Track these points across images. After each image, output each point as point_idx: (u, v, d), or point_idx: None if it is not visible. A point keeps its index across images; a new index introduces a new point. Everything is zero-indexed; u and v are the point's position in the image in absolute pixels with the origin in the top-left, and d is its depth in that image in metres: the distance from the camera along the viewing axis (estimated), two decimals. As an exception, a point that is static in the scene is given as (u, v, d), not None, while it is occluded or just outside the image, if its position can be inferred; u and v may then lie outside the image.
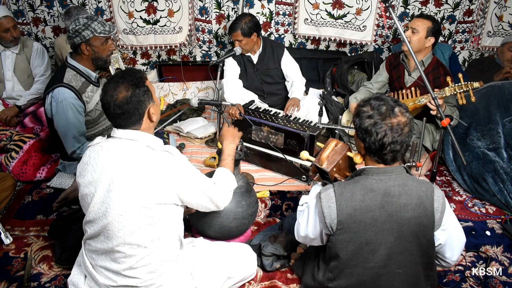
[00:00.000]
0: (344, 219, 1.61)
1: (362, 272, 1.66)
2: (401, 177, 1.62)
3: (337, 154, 1.84)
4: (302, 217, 1.79)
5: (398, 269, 1.64)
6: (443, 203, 1.61)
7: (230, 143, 2.09)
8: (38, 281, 2.04)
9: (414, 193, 1.59)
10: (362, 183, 1.62)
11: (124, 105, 1.59)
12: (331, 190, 1.65)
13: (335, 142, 1.87)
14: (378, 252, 1.63)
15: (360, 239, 1.62)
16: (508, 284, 2.10)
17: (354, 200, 1.60)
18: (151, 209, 1.57)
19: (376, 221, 1.60)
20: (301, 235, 1.81)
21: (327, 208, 1.63)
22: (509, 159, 2.83)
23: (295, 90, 3.35)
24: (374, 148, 1.60)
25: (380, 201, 1.59)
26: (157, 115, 1.70)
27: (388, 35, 3.93)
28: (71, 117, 2.41)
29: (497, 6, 3.72)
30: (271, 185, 2.81)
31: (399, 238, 1.61)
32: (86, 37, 2.37)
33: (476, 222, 2.54)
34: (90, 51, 2.43)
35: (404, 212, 1.58)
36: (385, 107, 1.58)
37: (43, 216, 2.51)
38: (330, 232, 1.65)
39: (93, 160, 1.63)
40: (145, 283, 1.61)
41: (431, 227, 1.60)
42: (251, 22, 3.16)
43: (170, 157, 1.62)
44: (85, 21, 2.36)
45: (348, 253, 1.65)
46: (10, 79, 3.34)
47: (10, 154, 2.82)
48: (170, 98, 4.04)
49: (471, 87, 2.57)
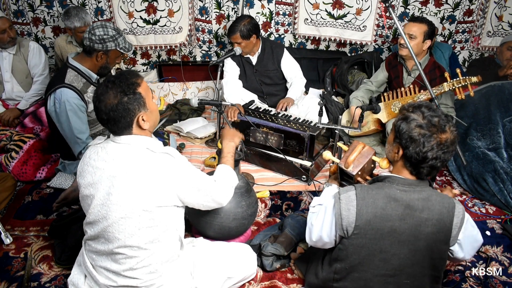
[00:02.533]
0: (362, 225, 1.56)
1: (371, 278, 1.64)
2: (426, 190, 1.58)
3: (363, 158, 1.83)
4: (317, 218, 1.70)
5: (407, 279, 1.62)
6: (462, 219, 1.57)
7: (229, 141, 2.09)
8: (38, 281, 2.04)
9: (437, 209, 1.55)
10: (386, 191, 1.57)
11: (109, 112, 1.56)
12: (353, 192, 1.58)
13: (362, 145, 1.86)
14: (390, 262, 1.60)
15: (374, 246, 1.58)
16: (508, 284, 2.10)
17: (375, 207, 1.55)
18: (151, 212, 1.56)
19: (395, 232, 1.55)
20: (313, 239, 1.73)
21: (345, 210, 1.57)
22: (509, 159, 2.83)
23: (292, 90, 3.35)
24: (414, 158, 1.54)
25: (402, 213, 1.54)
26: (150, 122, 1.65)
27: (388, 35, 3.93)
28: (75, 118, 2.41)
29: (497, 6, 3.72)
30: (271, 185, 2.81)
31: (414, 251, 1.57)
32: (109, 48, 2.41)
33: (476, 222, 2.51)
34: (103, 60, 2.48)
35: (424, 227, 1.54)
36: (437, 119, 1.52)
37: (43, 216, 2.51)
38: (344, 235, 1.60)
39: (93, 161, 1.62)
40: (145, 283, 1.61)
41: (446, 242, 1.57)
42: (250, 24, 3.16)
43: (170, 159, 1.60)
44: (114, 34, 2.41)
45: (360, 258, 1.62)
46: (9, 80, 3.33)
47: (10, 154, 2.82)
48: (170, 98, 4.04)
49: (470, 81, 2.57)
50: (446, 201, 1.57)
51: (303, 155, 2.82)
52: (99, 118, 1.61)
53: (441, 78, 2.83)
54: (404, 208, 1.54)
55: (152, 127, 1.69)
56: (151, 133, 1.71)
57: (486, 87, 3.12)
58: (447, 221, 1.55)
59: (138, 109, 1.60)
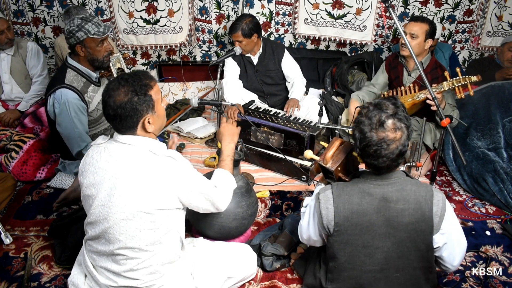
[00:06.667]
0: (341, 221, 1.60)
1: (360, 275, 1.66)
2: (400, 181, 1.60)
3: (342, 153, 1.84)
4: (304, 218, 1.79)
5: (396, 273, 1.63)
6: (443, 207, 1.59)
7: (229, 142, 2.04)
8: (38, 281, 2.04)
9: (412, 198, 1.58)
10: (360, 186, 1.61)
11: (117, 109, 1.55)
12: (329, 191, 1.64)
13: (339, 141, 1.87)
14: (375, 256, 1.62)
15: (357, 241, 1.62)
16: (508, 284, 2.09)
17: (351, 203, 1.59)
18: (153, 215, 1.56)
19: (373, 225, 1.59)
20: (304, 238, 1.81)
21: (324, 209, 1.63)
22: (509, 159, 2.83)
23: (295, 90, 3.35)
24: (358, 152, 1.60)
25: (377, 206, 1.58)
26: (156, 126, 1.64)
27: (388, 35, 3.93)
28: (75, 118, 2.41)
29: (497, 6, 3.72)
30: (271, 185, 2.81)
31: (396, 243, 1.60)
32: (80, 38, 2.35)
33: (476, 222, 2.54)
34: (85, 52, 2.42)
35: (402, 217, 1.57)
36: (377, 117, 1.53)
37: (43, 216, 2.51)
38: (328, 233, 1.65)
39: (95, 162, 1.62)
40: (145, 284, 1.61)
41: (429, 231, 1.59)
42: (251, 23, 3.16)
43: (172, 162, 1.60)
44: (79, 22, 2.34)
45: (346, 255, 1.65)
46: (8, 81, 3.33)
47: (10, 154, 2.82)
48: (170, 98, 4.04)
49: (469, 80, 2.57)
50: (422, 190, 1.59)
51: (303, 155, 2.82)
52: (105, 113, 1.59)
53: (443, 78, 2.83)
54: (378, 201, 1.58)
55: (157, 130, 1.68)
56: (155, 136, 1.70)
57: (486, 87, 3.12)
58: (425, 210, 1.57)
59: (146, 111, 1.59)
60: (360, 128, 1.56)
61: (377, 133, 1.52)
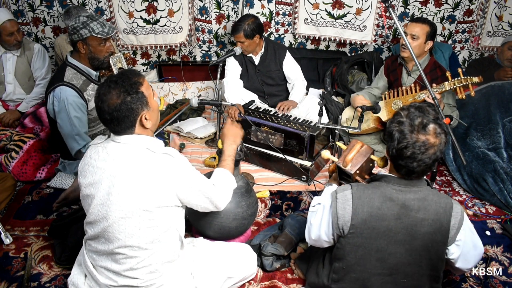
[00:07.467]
0: (358, 224, 1.57)
1: (368, 278, 1.64)
2: (422, 190, 1.57)
3: (362, 157, 1.84)
4: (315, 217, 1.72)
5: (404, 278, 1.62)
6: (461, 220, 1.57)
7: (231, 143, 2.05)
8: (38, 281, 2.04)
9: (433, 209, 1.55)
10: (381, 190, 1.57)
11: (113, 112, 1.55)
12: (349, 191, 1.60)
13: (360, 144, 1.87)
14: (386, 261, 1.60)
15: (371, 245, 1.59)
16: (508, 284, 2.10)
17: (371, 206, 1.55)
18: (152, 212, 1.56)
19: (390, 231, 1.56)
20: (313, 238, 1.74)
21: (341, 209, 1.58)
22: (509, 159, 2.84)
23: (295, 92, 3.35)
24: (392, 154, 1.56)
25: (398, 212, 1.55)
26: (152, 120, 1.65)
27: (388, 35, 3.93)
28: (74, 116, 2.41)
29: (497, 6, 3.72)
30: (271, 185, 2.81)
31: (410, 250, 1.58)
32: (84, 35, 2.37)
33: (476, 222, 2.54)
34: (86, 50, 2.43)
35: (420, 226, 1.55)
36: (419, 119, 1.51)
37: (43, 216, 2.51)
38: (341, 234, 1.61)
39: (93, 161, 1.62)
40: (145, 283, 1.61)
41: (444, 243, 1.57)
42: (254, 23, 3.15)
43: (170, 159, 1.60)
44: (85, 20, 2.36)
45: (356, 257, 1.62)
46: (11, 82, 3.32)
47: (10, 154, 2.82)
48: (170, 98, 4.04)
49: (471, 81, 2.57)
50: (443, 201, 1.57)
51: (303, 155, 2.82)
52: (102, 119, 1.60)
53: (442, 78, 2.83)
54: (399, 207, 1.55)
55: (154, 125, 1.68)
56: (152, 133, 1.71)
57: (486, 87, 3.11)
58: (444, 222, 1.55)
59: (141, 108, 1.60)
60: (400, 128, 1.52)
61: (418, 136, 1.49)
